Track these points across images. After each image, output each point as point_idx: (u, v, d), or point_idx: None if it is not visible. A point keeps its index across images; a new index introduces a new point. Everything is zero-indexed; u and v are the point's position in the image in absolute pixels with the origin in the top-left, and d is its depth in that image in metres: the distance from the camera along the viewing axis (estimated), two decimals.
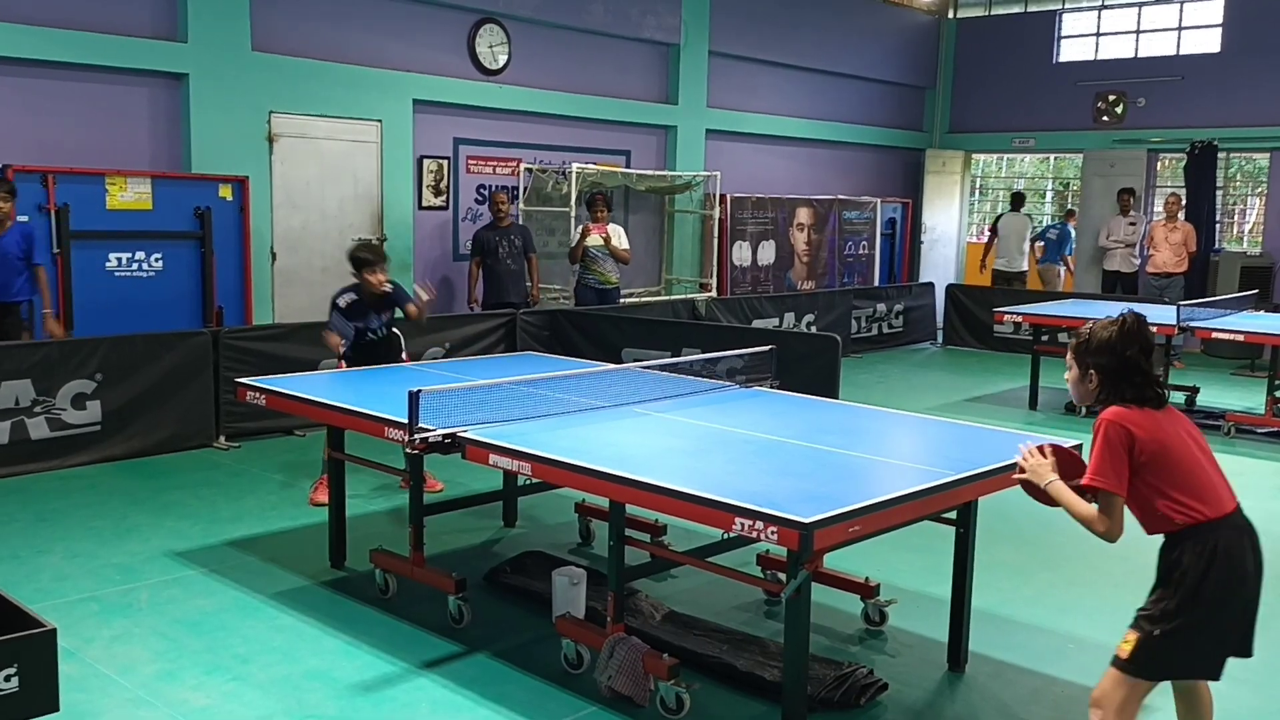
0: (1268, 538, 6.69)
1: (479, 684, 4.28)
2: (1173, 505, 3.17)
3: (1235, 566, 3.17)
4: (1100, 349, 3.31)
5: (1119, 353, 3.28)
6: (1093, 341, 3.33)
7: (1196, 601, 3.12)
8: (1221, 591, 3.14)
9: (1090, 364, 3.33)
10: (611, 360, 8.02)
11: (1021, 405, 10.31)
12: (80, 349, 7.49)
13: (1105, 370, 3.30)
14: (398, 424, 4.54)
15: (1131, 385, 3.26)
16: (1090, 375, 3.33)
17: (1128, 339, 3.29)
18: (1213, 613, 3.14)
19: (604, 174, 11.88)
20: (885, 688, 4.24)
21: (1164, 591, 3.18)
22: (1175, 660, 3.18)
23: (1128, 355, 3.27)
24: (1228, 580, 3.15)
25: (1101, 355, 3.30)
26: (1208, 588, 3.12)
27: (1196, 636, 3.15)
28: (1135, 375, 3.26)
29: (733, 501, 3.49)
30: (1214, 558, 3.13)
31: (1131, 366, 3.27)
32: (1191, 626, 3.13)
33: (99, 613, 4.91)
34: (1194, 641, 3.15)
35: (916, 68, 16.97)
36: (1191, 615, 3.12)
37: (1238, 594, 3.19)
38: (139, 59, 9.04)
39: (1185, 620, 3.13)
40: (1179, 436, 3.24)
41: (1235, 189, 16.07)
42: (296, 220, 10.11)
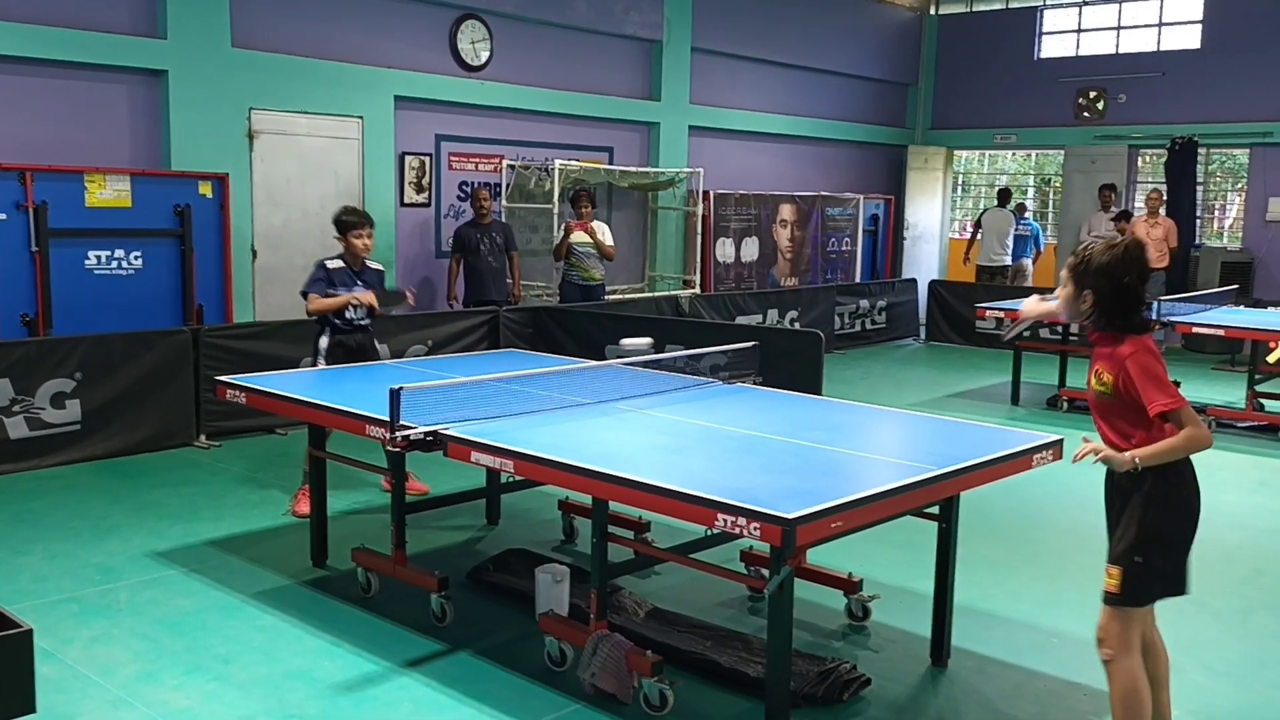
0: (1247, 531, 6.78)
1: (462, 682, 4.26)
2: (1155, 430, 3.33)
3: (1194, 486, 3.40)
4: (1099, 272, 3.36)
5: (1117, 277, 3.34)
6: (1092, 263, 3.37)
7: (1164, 520, 3.33)
8: (1183, 507, 3.36)
9: (1087, 285, 3.38)
10: (595, 357, 8.00)
11: (1004, 400, 10.34)
12: (59, 348, 7.44)
13: (1101, 293, 3.36)
14: (379, 421, 4.52)
15: (1124, 311, 3.35)
16: (1085, 296, 3.39)
17: (1128, 264, 3.35)
18: (1177, 529, 3.37)
19: (587, 171, 11.85)
20: (868, 683, 4.24)
21: (1131, 519, 3.35)
22: (1156, 583, 3.37)
23: (1125, 281, 3.34)
24: (1186, 496, 3.37)
25: (1100, 278, 3.35)
26: (1172, 505, 3.33)
27: (1169, 555, 3.36)
28: (1130, 300, 3.35)
29: (715, 497, 3.48)
30: (1177, 481, 3.34)
31: (1126, 292, 3.34)
32: (1165, 545, 3.34)
33: (78, 613, 4.88)
34: (1167, 560, 3.35)
35: (899, 64, 17.00)
36: (1163, 534, 3.34)
37: (1195, 510, 3.40)
38: (118, 56, 8.97)
39: (1159, 542, 3.33)
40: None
41: (1215, 185, 16.16)
42: (277, 218, 10.06)
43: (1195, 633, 4.84)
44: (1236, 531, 6.37)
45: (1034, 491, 6.88)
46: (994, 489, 4.44)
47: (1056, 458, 4.42)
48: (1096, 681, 4.25)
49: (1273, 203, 14.40)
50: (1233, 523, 6.51)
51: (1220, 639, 4.84)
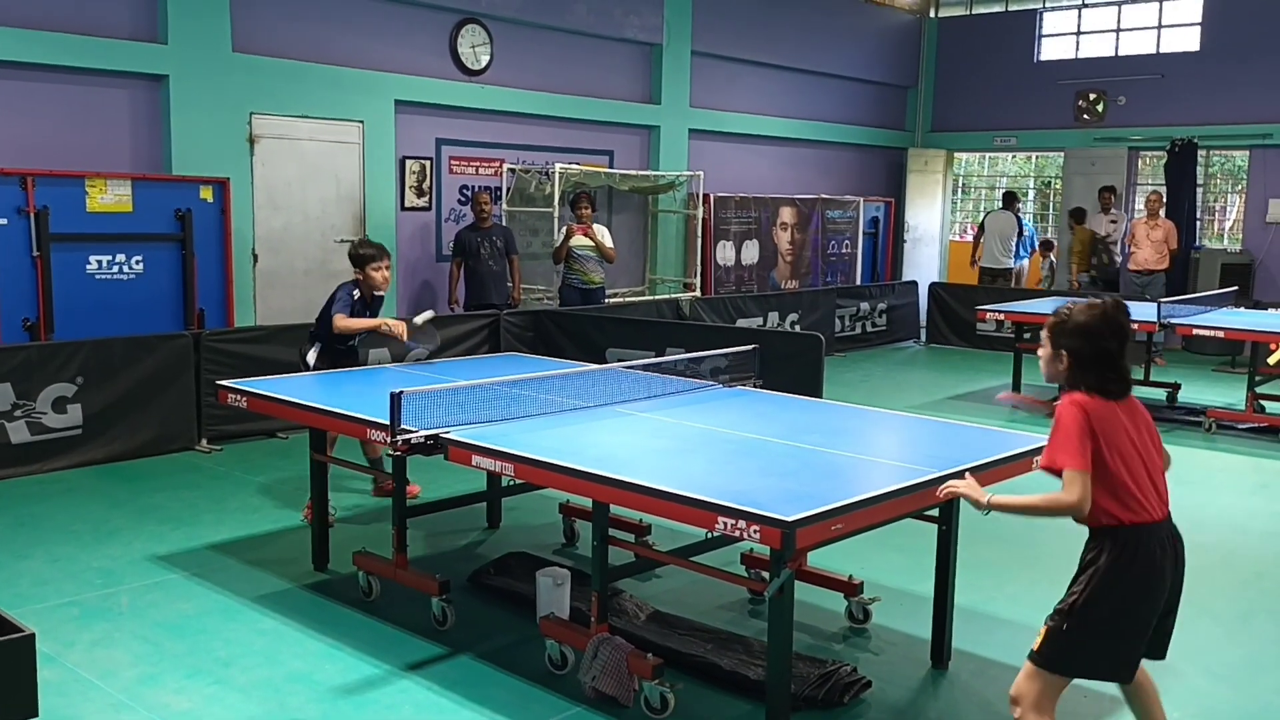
0: (1246, 534, 6.78)
1: (462, 686, 4.27)
2: (1100, 504, 3.18)
3: (1148, 574, 3.17)
4: (1075, 333, 3.30)
5: (1095, 341, 3.27)
6: (1069, 324, 3.32)
7: (1104, 602, 3.15)
8: (1130, 596, 3.16)
9: (1063, 346, 3.32)
10: (595, 361, 8.01)
11: (1004, 403, 10.32)
12: (61, 352, 7.45)
13: (1077, 355, 3.29)
14: (380, 425, 4.53)
15: (1098, 374, 3.25)
16: (1062, 356, 3.33)
17: (1105, 328, 3.27)
18: (1118, 616, 3.16)
19: (587, 174, 11.86)
20: (869, 685, 4.25)
21: (1076, 587, 3.22)
22: (1079, 657, 3.21)
23: (1103, 345, 3.27)
24: (1137, 586, 3.16)
25: (1076, 339, 3.29)
26: (1116, 590, 3.15)
27: (1101, 636, 3.17)
28: (1105, 364, 3.25)
29: (715, 501, 3.49)
30: (1128, 563, 3.15)
31: (1104, 356, 3.26)
32: (1097, 625, 3.16)
33: (79, 617, 4.88)
34: (1098, 641, 3.18)
35: (898, 67, 17.01)
36: (1098, 614, 3.16)
37: (1146, 601, 3.19)
38: (119, 60, 8.99)
39: (1091, 619, 3.16)
40: (1126, 435, 3.22)
41: (1215, 186, 16.17)
42: (278, 222, 10.07)
43: (1195, 636, 4.84)
44: (1236, 534, 6.37)
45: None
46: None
47: None
48: (1097, 684, 4.25)
49: (1273, 204, 14.41)
50: (1233, 526, 6.51)
51: (1220, 643, 4.84)
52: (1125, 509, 3.17)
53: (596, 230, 10.55)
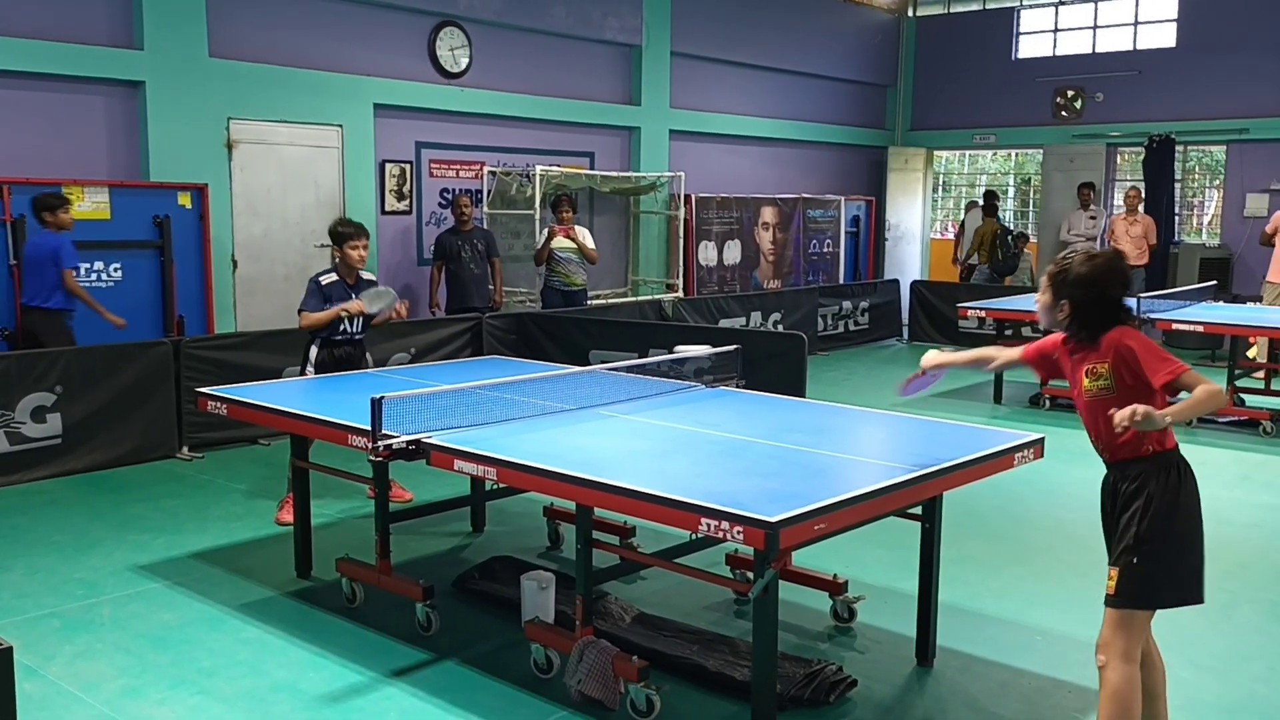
0: (1229, 525, 6.81)
1: (448, 692, 4.25)
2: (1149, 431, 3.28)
3: (1194, 490, 3.37)
4: (1077, 282, 3.38)
5: (1096, 289, 3.37)
6: (1070, 273, 3.40)
7: (1168, 524, 3.29)
8: (1188, 511, 3.32)
9: (1065, 294, 3.41)
10: (578, 363, 8.00)
11: (986, 400, 10.38)
12: (39, 361, 7.39)
13: (1078, 303, 3.39)
14: (361, 431, 4.51)
15: (1103, 321, 3.37)
16: (1062, 305, 3.42)
17: (1107, 276, 3.37)
18: (1184, 533, 3.31)
19: (568, 176, 11.85)
20: (854, 684, 4.25)
21: (1134, 522, 3.31)
22: (1161, 585, 3.31)
23: (1110, 294, 3.37)
24: (1190, 501, 3.34)
25: (1078, 289, 3.38)
26: (1176, 510, 3.29)
27: (1174, 558, 3.30)
28: (1110, 311, 3.37)
29: (698, 502, 3.48)
30: (1178, 482, 3.31)
31: (1111, 303, 3.37)
32: (1168, 548, 3.29)
33: (61, 629, 4.84)
34: (1173, 563, 3.30)
35: (877, 66, 17.06)
36: (1167, 537, 3.29)
37: (1199, 515, 3.37)
38: (94, 67, 8.93)
39: (1162, 544, 3.29)
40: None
41: (1193, 182, 16.27)
42: (258, 228, 10.03)
43: (1180, 627, 4.85)
44: (1219, 526, 6.39)
45: (1020, 490, 6.91)
46: (979, 487, 4.46)
47: (1038, 456, 4.44)
48: (1082, 679, 4.28)
49: (1250, 198, 14.50)
50: (1215, 517, 6.48)
51: (1204, 633, 4.86)
52: (1166, 432, 3.31)
53: (578, 232, 10.54)
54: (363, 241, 6.49)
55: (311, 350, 6.45)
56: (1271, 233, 11.40)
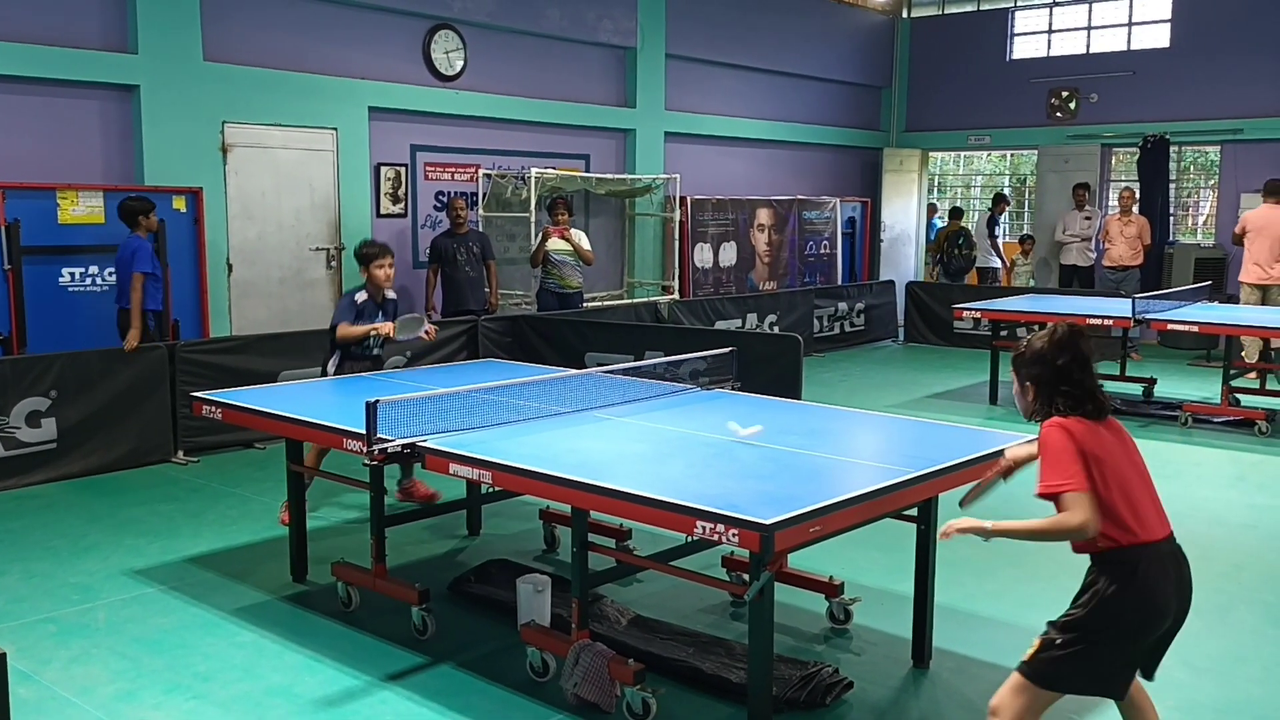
0: (1224, 527, 6.81)
1: (444, 695, 4.25)
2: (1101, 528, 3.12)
3: (1151, 598, 3.11)
4: (1033, 360, 3.31)
5: (1049, 362, 3.27)
6: (1027, 353, 3.35)
7: (1104, 624, 3.09)
8: (1132, 620, 3.10)
9: (1025, 375, 3.34)
10: (574, 366, 7.99)
11: (982, 400, 10.39)
12: (34, 366, 7.38)
13: (1038, 381, 3.29)
14: (356, 435, 4.50)
15: (1064, 396, 3.23)
16: (1027, 387, 3.34)
17: (1057, 349, 3.27)
18: (1118, 640, 3.11)
19: (563, 178, 11.85)
20: (850, 686, 4.25)
21: (1076, 607, 3.16)
22: (1071, 675, 3.14)
23: (1059, 364, 3.25)
24: (1139, 610, 3.10)
25: (1034, 366, 3.30)
26: (1118, 614, 3.09)
27: (1097, 658, 3.11)
28: (1066, 385, 3.23)
29: (693, 505, 3.48)
30: (1128, 587, 3.08)
31: (1062, 376, 3.24)
32: (1093, 647, 3.10)
33: (56, 634, 4.84)
34: (1093, 662, 3.11)
35: (872, 68, 17.07)
36: (1096, 637, 3.09)
37: (1148, 625, 3.14)
38: (89, 71, 8.91)
39: (1088, 640, 3.10)
40: (1115, 453, 3.18)
41: (1188, 182, 16.29)
42: (252, 231, 10.01)
43: None
44: (1214, 527, 6.41)
45: (1015, 492, 6.89)
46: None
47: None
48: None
49: (1245, 198, 14.51)
50: (1210, 518, 6.55)
51: (1200, 635, 4.86)
52: (1123, 530, 3.11)
53: (574, 233, 10.54)
54: (388, 260, 6.64)
55: (330, 364, 6.56)
56: (1240, 233, 11.45)
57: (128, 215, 7.97)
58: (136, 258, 7.78)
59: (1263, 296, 11.37)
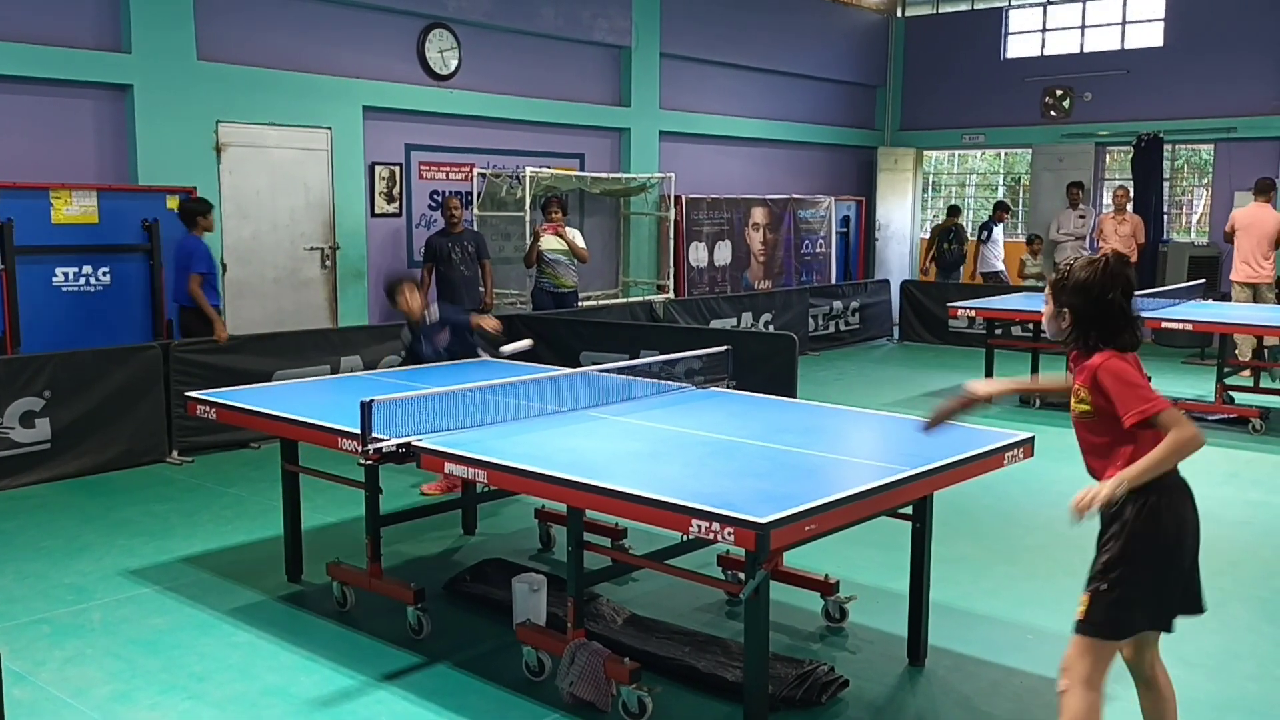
0: (1219, 523, 6.81)
1: (440, 695, 4.24)
2: (1125, 453, 3.16)
3: (1176, 519, 3.18)
4: (1077, 289, 3.23)
5: (1098, 295, 3.21)
6: (1070, 281, 3.25)
7: (1138, 552, 3.14)
8: (1162, 543, 3.16)
9: (1065, 303, 3.26)
10: (569, 365, 7.98)
11: None
12: (28, 366, 7.36)
13: (1079, 311, 3.23)
14: (351, 435, 4.49)
15: (1105, 329, 3.20)
16: (1064, 314, 3.27)
17: (1108, 280, 3.21)
18: (1155, 564, 3.15)
19: (558, 177, 11.85)
20: (846, 684, 4.25)
21: (1107, 546, 3.20)
22: (1126, 613, 3.18)
23: (1109, 299, 3.20)
24: (1171, 531, 3.17)
25: (1077, 296, 3.23)
26: (1152, 539, 3.14)
27: (1141, 587, 3.16)
28: (1113, 319, 3.20)
29: (689, 504, 3.48)
30: (1155, 511, 3.14)
31: (1111, 310, 3.20)
32: (1136, 577, 3.14)
33: (50, 634, 4.82)
34: (1140, 592, 3.16)
35: (867, 67, 17.08)
36: (1134, 566, 3.14)
37: (1179, 546, 3.19)
38: (82, 71, 8.90)
39: (1129, 571, 3.14)
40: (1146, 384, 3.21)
41: (1182, 180, 16.32)
42: (247, 230, 10.00)
43: None
44: (1209, 524, 6.33)
45: (1011, 489, 6.92)
46: (970, 487, 4.46)
47: (1028, 455, 4.44)
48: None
49: (1238, 197, 14.54)
50: (1205, 516, 6.48)
51: (1195, 631, 4.85)
52: (1148, 441, 3.13)
53: (568, 231, 10.51)
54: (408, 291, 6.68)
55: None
56: (1230, 231, 11.47)
57: (186, 216, 8.38)
58: (194, 258, 8.18)
59: (1253, 294, 11.39)
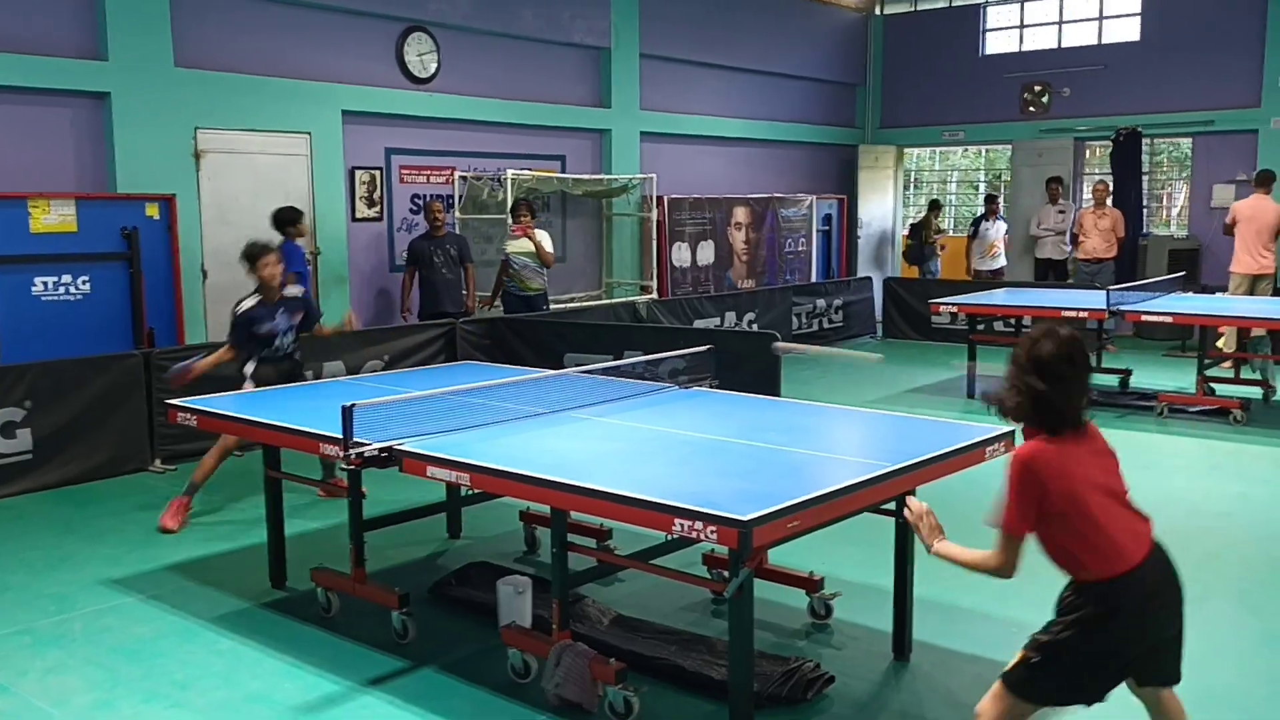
0: (1200, 516, 6.85)
1: (425, 699, 4.24)
2: (1077, 560, 3.12)
3: (1130, 626, 3.08)
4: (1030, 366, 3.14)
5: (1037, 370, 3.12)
6: (1028, 359, 3.15)
7: (1082, 647, 3.08)
8: (1110, 645, 3.08)
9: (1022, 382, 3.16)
10: (554, 367, 7.98)
11: (959, 394, 10.43)
12: (7, 376, 7.31)
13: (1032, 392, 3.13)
14: (333, 439, 4.48)
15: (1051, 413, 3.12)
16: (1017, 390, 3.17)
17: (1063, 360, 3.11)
18: (1096, 659, 3.10)
19: (539, 180, 11.83)
20: (832, 681, 4.26)
21: (1059, 624, 3.14)
22: (1050, 690, 3.15)
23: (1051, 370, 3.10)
24: (1118, 637, 3.08)
25: (1033, 376, 3.13)
26: (1096, 639, 3.07)
27: (1075, 674, 3.11)
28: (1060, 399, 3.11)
29: (671, 503, 3.49)
30: (1108, 617, 3.05)
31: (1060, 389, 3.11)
32: (1073, 665, 3.10)
33: (32, 645, 4.80)
34: (1071, 678, 3.11)
35: (846, 65, 17.12)
36: (1075, 656, 3.08)
37: (1126, 647, 3.11)
38: (59, 79, 8.84)
39: (1067, 659, 3.09)
40: (1086, 477, 3.11)
41: (1161, 174, 16.41)
42: (228, 237, 9.93)
43: None
44: (1190, 517, 6.45)
45: (992, 484, 6.86)
46: (953, 481, 4.47)
47: (1009, 449, 4.46)
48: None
49: (1217, 190, 14.63)
50: (1186, 508, 6.60)
51: None
52: (1103, 562, 3.08)
53: (537, 233, 10.39)
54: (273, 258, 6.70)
55: (246, 367, 6.71)
56: (1231, 223, 11.53)
57: (278, 223, 8.83)
58: (290, 259, 8.41)
59: (1252, 286, 11.42)
